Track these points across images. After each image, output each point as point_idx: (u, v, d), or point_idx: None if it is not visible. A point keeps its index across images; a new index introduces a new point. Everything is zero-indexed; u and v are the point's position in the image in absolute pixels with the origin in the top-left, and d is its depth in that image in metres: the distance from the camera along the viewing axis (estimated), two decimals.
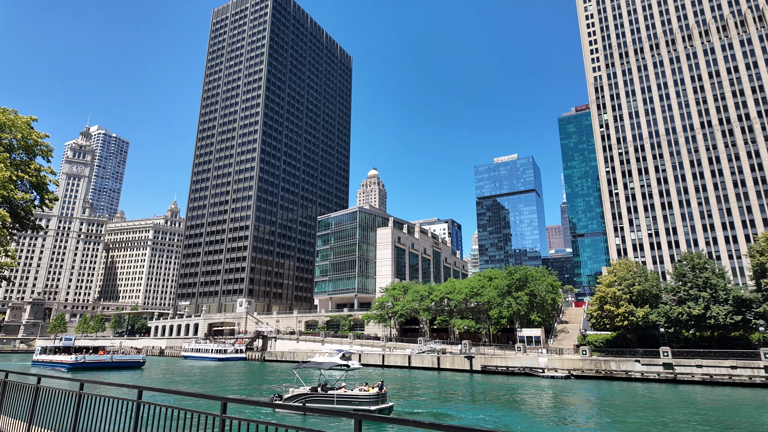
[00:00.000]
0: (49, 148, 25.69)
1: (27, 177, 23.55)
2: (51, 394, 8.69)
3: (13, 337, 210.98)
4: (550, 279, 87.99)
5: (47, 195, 25.96)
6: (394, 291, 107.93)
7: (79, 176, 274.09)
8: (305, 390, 35.25)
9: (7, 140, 23.45)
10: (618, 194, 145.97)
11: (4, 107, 23.49)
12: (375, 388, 33.83)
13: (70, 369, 79.56)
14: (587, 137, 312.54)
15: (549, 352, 71.07)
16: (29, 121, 24.28)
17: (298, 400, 34.27)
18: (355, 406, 32.39)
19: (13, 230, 25.43)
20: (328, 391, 34.46)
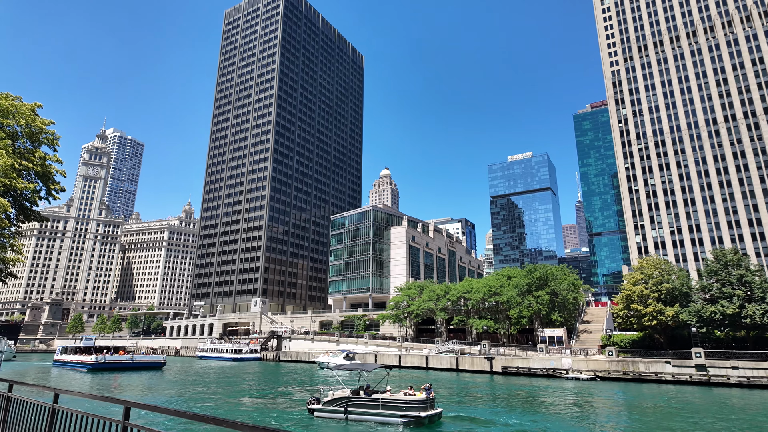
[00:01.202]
0: (55, 136, 24.53)
1: (32, 166, 22.42)
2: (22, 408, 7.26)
3: (32, 337, 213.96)
4: (571, 277, 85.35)
5: (53, 185, 24.83)
6: (409, 290, 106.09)
7: (95, 178, 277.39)
8: (346, 393, 32.87)
9: (10, 127, 22.39)
10: (638, 191, 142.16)
11: (8, 93, 22.45)
12: (422, 392, 31.46)
13: (90, 369, 78.49)
14: (603, 134, 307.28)
15: (572, 353, 68.59)
16: (34, 107, 23.16)
17: (339, 404, 31.88)
18: (402, 411, 30.05)
19: (18, 222, 24.37)
20: (371, 394, 32.07)
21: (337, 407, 31.69)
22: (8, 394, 7.56)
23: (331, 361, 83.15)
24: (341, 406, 31.52)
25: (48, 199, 25.07)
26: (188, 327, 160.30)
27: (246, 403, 41.50)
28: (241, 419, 32.29)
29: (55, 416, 6.24)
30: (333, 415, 31.71)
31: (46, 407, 6.56)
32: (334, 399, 32.38)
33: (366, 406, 30.99)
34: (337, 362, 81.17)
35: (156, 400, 41.61)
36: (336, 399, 32.30)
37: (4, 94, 22.24)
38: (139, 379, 66.06)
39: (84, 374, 74.06)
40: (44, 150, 24.47)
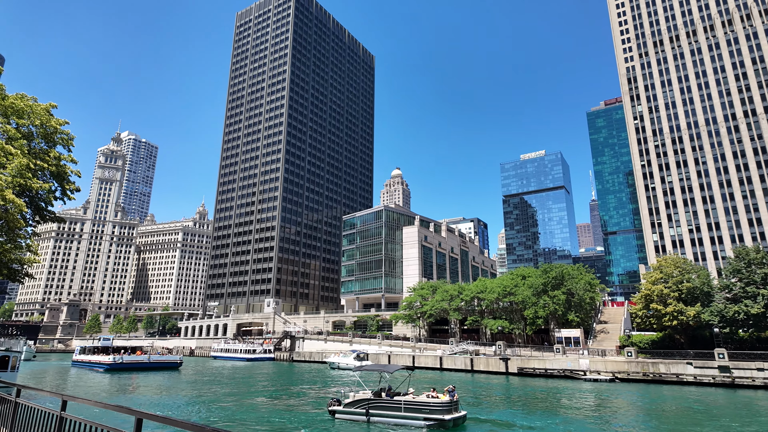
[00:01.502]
0: (69, 137, 24.53)
1: (47, 166, 22.42)
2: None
3: (51, 337, 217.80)
4: (587, 277, 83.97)
5: (68, 185, 24.86)
6: (422, 290, 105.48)
7: (111, 181, 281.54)
8: (367, 395, 32.23)
9: (26, 128, 22.43)
10: (655, 189, 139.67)
11: (23, 93, 22.50)
12: (446, 394, 30.64)
13: (108, 369, 78.95)
14: (618, 131, 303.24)
15: (590, 353, 67.34)
16: (48, 107, 23.19)
17: (360, 405, 31.21)
18: (426, 414, 29.28)
19: (34, 223, 24.46)
20: (393, 396, 31.31)
21: (359, 409, 31.11)
22: (16, 400, 7.24)
23: (341, 362, 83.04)
24: (363, 408, 30.89)
25: (63, 199, 25.12)
26: (203, 327, 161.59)
27: (264, 405, 41.31)
28: (262, 421, 32.22)
29: (62, 425, 5.89)
30: (354, 417, 31.18)
31: (53, 415, 6.21)
32: (355, 401, 31.78)
33: (388, 408, 30.30)
34: (347, 362, 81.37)
35: (173, 402, 41.48)
36: (357, 401, 31.73)
37: (20, 94, 22.29)
38: (156, 379, 66.28)
39: (102, 374, 74.53)
40: (59, 150, 24.50)
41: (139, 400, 44.05)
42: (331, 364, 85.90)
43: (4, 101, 21.34)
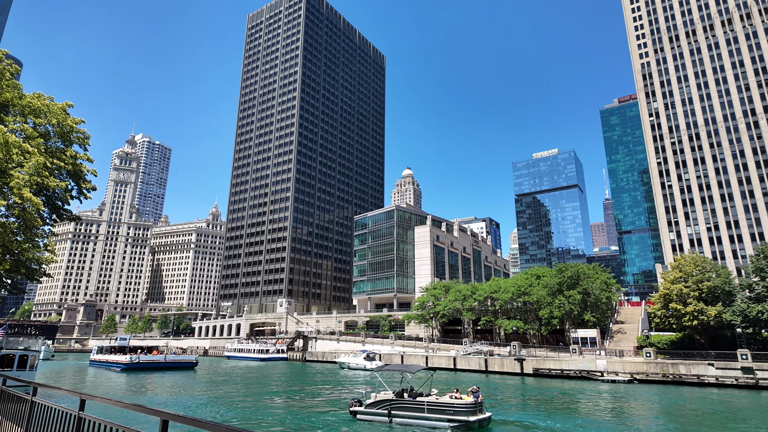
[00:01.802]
0: (85, 135, 24.64)
1: (63, 165, 22.52)
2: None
3: (68, 337, 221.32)
4: (603, 276, 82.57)
5: (85, 184, 24.97)
6: (435, 290, 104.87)
7: (126, 183, 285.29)
8: (389, 395, 31.61)
9: (42, 127, 22.56)
10: (671, 186, 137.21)
11: (40, 92, 22.66)
12: (470, 395, 29.95)
13: (125, 369, 79.57)
14: (632, 129, 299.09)
15: (607, 354, 66.16)
16: (65, 107, 23.33)
17: (382, 406, 30.64)
18: (449, 416, 28.40)
19: (51, 222, 24.60)
20: (416, 397, 30.71)
21: (381, 410, 30.61)
22: (32, 399, 7.00)
23: (351, 361, 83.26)
24: (385, 409, 30.33)
25: (80, 198, 25.24)
26: (216, 327, 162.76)
27: (283, 405, 41.13)
28: (283, 422, 31.98)
29: (81, 426, 5.60)
30: (376, 418, 30.73)
31: (71, 415, 5.93)
32: (377, 401, 31.23)
33: (411, 409, 29.73)
34: (357, 362, 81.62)
35: (192, 402, 41.34)
36: (379, 401, 31.14)
37: (36, 93, 22.45)
38: (172, 378, 66.55)
39: (118, 374, 75.13)
40: (75, 149, 24.64)
41: (157, 400, 44.24)
42: (341, 364, 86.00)
43: (22, 100, 21.51)
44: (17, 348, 39.83)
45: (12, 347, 39.67)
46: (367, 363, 79.89)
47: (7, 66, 22.24)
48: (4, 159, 16.95)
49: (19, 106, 21.25)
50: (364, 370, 78.78)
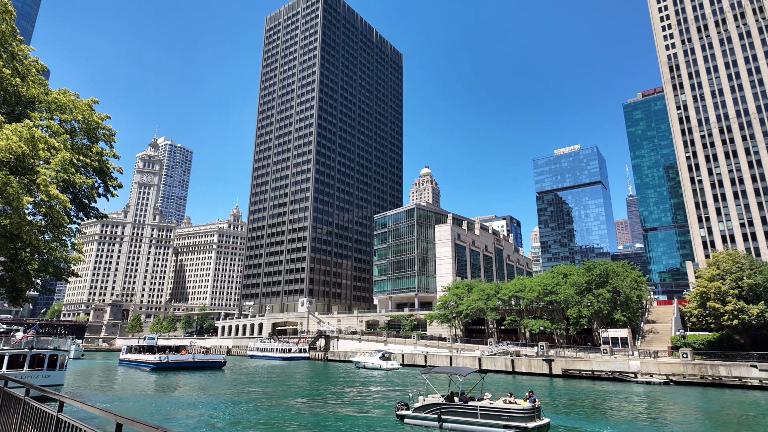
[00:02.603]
0: (111, 132, 24.41)
1: (89, 162, 22.26)
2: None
3: (96, 336, 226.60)
4: (633, 274, 79.97)
5: (111, 181, 24.72)
6: (457, 290, 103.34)
7: (149, 185, 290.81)
8: (439, 399, 29.97)
9: (68, 124, 22.37)
10: (701, 181, 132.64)
11: (65, 89, 22.50)
12: (526, 400, 28.16)
13: (154, 369, 79.28)
14: (657, 123, 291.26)
15: (641, 354, 63.78)
16: (90, 103, 23.09)
17: (432, 410, 29.03)
18: (505, 422, 26.75)
19: (78, 220, 24.41)
20: (467, 401, 29.03)
21: (430, 414, 29.09)
22: (57, 415, 6.19)
23: (367, 361, 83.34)
24: (434, 413, 28.83)
25: (106, 195, 25.02)
26: (239, 327, 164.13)
27: (323, 407, 40.10)
28: (328, 426, 31.09)
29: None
30: (425, 422, 29.30)
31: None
32: (425, 405, 29.73)
33: (462, 414, 28.09)
34: (373, 362, 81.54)
35: (228, 405, 40.23)
36: (428, 405, 29.59)
37: (62, 90, 22.30)
38: (202, 379, 66.06)
39: (148, 374, 75.11)
40: (101, 146, 24.42)
41: (187, 400, 44.02)
42: (357, 363, 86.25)
43: (47, 96, 21.34)
44: (47, 348, 40.23)
45: (42, 347, 40.09)
46: (383, 363, 79.89)
47: (33, 63, 22.16)
48: (30, 155, 16.65)
49: (45, 102, 21.08)
50: (380, 369, 78.69)
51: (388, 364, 79.05)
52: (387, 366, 78.55)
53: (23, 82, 20.10)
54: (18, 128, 16.16)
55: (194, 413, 36.92)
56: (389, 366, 78.69)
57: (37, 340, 40.57)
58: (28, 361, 39.17)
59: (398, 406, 31.23)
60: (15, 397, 7.64)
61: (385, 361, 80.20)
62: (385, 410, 37.39)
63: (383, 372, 75.55)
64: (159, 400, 44.43)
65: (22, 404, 7.03)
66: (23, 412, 7.01)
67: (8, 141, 15.13)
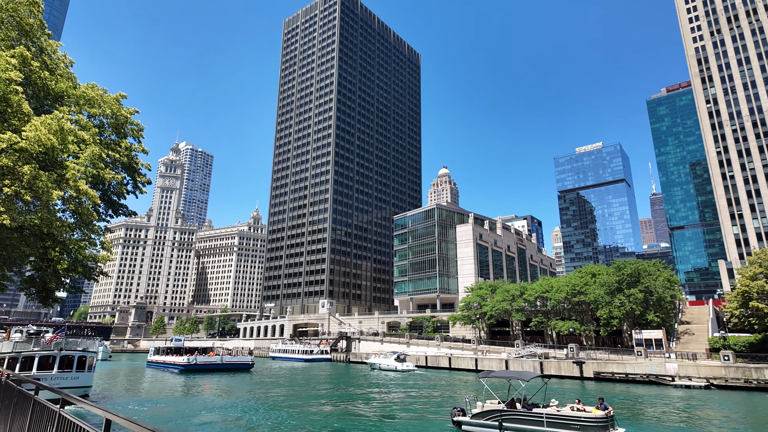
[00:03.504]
0: (139, 127, 23.98)
1: (118, 157, 21.84)
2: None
3: (121, 338, 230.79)
4: (666, 273, 77.11)
5: (139, 178, 24.30)
6: (480, 290, 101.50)
7: (171, 189, 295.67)
8: (499, 405, 28.21)
9: (97, 119, 22.02)
10: (734, 177, 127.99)
11: (94, 83, 22.18)
12: (597, 407, 26.07)
13: (182, 371, 77.82)
14: (683, 119, 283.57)
15: (678, 356, 61.17)
16: (118, 97, 22.70)
17: (492, 417, 27.42)
18: (575, 431, 24.88)
19: (107, 217, 24.08)
20: (531, 408, 27.25)
21: (490, 421, 27.50)
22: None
23: (382, 362, 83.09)
24: (495, 420, 27.23)
25: (135, 192, 24.61)
26: (260, 328, 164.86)
27: (369, 411, 38.83)
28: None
29: None
30: (485, 430, 27.85)
31: None
32: (484, 411, 28.10)
33: (527, 421, 26.35)
34: (388, 363, 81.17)
35: (272, 411, 39.27)
36: (487, 411, 27.91)
37: (90, 84, 21.98)
38: (232, 381, 64.98)
39: (176, 376, 73.96)
40: (129, 141, 24.03)
41: (219, 403, 43.48)
42: (372, 365, 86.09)
43: (76, 90, 21.00)
44: (76, 349, 40.26)
45: (71, 348, 40.12)
46: (398, 364, 79.58)
47: (61, 57, 21.88)
48: (59, 148, 16.16)
49: (73, 96, 20.75)
50: (395, 371, 78.33)
51: (403, 366, 78.87)
52: (402, 367, 78.36)
53: (52, 76, 19.77)
54: (47, 120, 15.70)
55: (231, 417, 36.23)
56: (404, 367, 78.44)
57: (66, 342, 40.64)
58: (58, 363, 39.26)
59: (454, 412, 29.69)
60: (48, 408, 6.85)
61: (400, 363, 79.99)
62: (438, 415, 36.08)
63: (399, 374, 75.21)
64: (190, 403, 43.69)
65: (56, 417, 6.21)
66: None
67: (37, 132, 14.67)
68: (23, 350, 39.13)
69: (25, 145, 14.49)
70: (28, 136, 14.51)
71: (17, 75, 14.66)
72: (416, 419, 35.63)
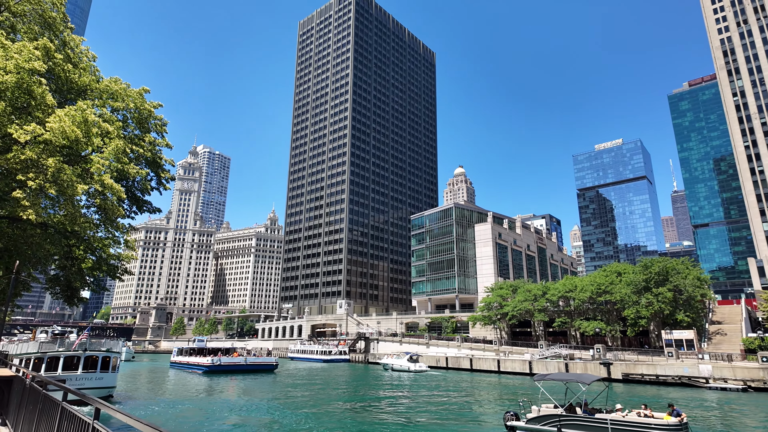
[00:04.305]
0: (163, 122, 23.62)
1: (142, 151, 21.43)
2: None
3: (142, 339, 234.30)
4: (695, 272, 74.50)
5: (163, 174, 23.90)
6: (501, 290, 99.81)
7: (190, 191, 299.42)
8: (557, 410, 26.46)
9: (120, 114, 21.67)
10: (763, 171, 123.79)
11: (117, 77, 21.85)
12: (670, 414, 24.22)
13: (207, 372, 76.44)
14: (706, 114, 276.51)
15: (712, 357, 58.89)
16: (141, 92, 22.33)
17: (550, 423, 25.86)
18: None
19: (131, 214, 23.69)
20: (594, 413, 25.45)
21: (547, 426, 25.94)
22: None
23: (395, 363, 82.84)
24: (553, 426, 25.63)
25: (158, 188, 24.22)
26: (278, 329, 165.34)
27: (413, 414, 37.83)
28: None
29: None
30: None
31: None
32: (540, 416, 26.58)
33: (588, 428, 24.50)
34: (401, 364, 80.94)
35: (305, 415, 38.29)
36: (544, 416, 26.34)
37: (113, 78, 21.67)
38: (257, 382, 64.13)
39: (201, 377, 72.92)
40: (153, 136, 23.62)
41: (248, 405, 43.00)
42: (385, 365, 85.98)
43: (99, 84, 20.71)
44: (100, 350, 40.27)
45: (95, 349, 40.15)
46: (411, 365, 79.49)
47: (84, 51, 21.59)
48: (84, 141, 15.71)
49: (96, 90, 20.43)
50: (407, 371, 78.13)
51: (416, 366, 78.73)
52: (415, 368, 78.26)
53: (75, 69, 19.44)
54: (71, 111, 15.26)
55: (264, 420, 35.61)
56: (417, 368, 78.29)
57: (90, 342, 40.68)
58: (82, 363, 39.31)
59: (507, 416, 27.97)
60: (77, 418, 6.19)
61: (413, 363, 79.84)
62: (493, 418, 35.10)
63: (412, 374, 75.00)
64: (218, 405, 42.82)
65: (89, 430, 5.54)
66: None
67: (61, 123, 14.22)
68: (48, 351, 39.28)
69: (49, 137, 14.07)
70: (53, 127, 14.08)
71: (41, 65, 14.27)
72: (470, 421, 34.55)
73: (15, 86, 13.89)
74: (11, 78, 13.60)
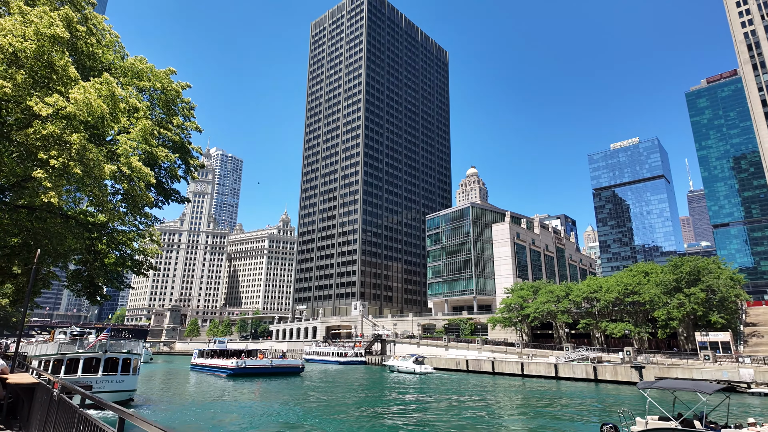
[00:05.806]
0: (191, 105, 22.22)
1: (170, 135, 20.04)
2: None
3: (157, 340, 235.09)
4: (727, 271, 71.52)
5: (192, 161, 22.47)
6: (521, 291, 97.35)
7: (203, 194, 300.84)
8: (670, 423, 23.26)
9: (146, 95, 20.31)
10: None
11: (142, 56, 20.50)
12: None
13: (231, 375, 72.87)
14: (725, 111, 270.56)
15: (753, 361, 56.08)
16: (168, 72, 20.95)
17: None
18: None
19: (158, 203, 22.26)
20: (720, 429, 22.40)
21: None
22: None
23: (401, 365, 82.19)
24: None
25: (186, 177, 22.80)
26: (293, 330, 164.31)
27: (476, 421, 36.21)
28: None
29: None
30: None
31: None
32: (651, 429, 23.69)
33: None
34: (407, 366, 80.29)
35: (340, 423, 36.53)
36: (655, 430, 23.50)
37: (139, 57, 20.32)
38: (285, 386, 61.61)
39: (225, 380, 70.32)
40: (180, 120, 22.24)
41: (283, 411, 41.46)
42: (391, 367, 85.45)
43: (124, 62, 19.42)
44: (120, 351, 39.09)
45: (115, 350, 38.97)
46: (416, 367, 78.89)
47: (107, 28, 20.23)
48: (110, 118, 14.27)
49: (121, 69, 19.14)
50: (413, 373, 77.42)
51: (422, 368, 78.17)
52: (420, 370, 77.72)
53: (99, 45, 18.09)
54: (96, 83, 13.86)
55: (306, 426, 34.05)
56: (422, 370, 77.74)
57: (110, 344, 39.50)
58: (102, 365, 38.13)
59: (606, 429, 24.46)
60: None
61: (419, 365, 79.30)
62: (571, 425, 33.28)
63: (417, 376, 74.11)
64: (250, 410, 40.65)
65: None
66: None
67: (86, 95, 12.82)
68: (68, 352, 38.16)
69: (73, 110, 12.63)
70: (77, 98, 12.63)
71: (63, 31, 12.83)
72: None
73: (35, 56, 12.52)
74: (31, 45, 12.23)
